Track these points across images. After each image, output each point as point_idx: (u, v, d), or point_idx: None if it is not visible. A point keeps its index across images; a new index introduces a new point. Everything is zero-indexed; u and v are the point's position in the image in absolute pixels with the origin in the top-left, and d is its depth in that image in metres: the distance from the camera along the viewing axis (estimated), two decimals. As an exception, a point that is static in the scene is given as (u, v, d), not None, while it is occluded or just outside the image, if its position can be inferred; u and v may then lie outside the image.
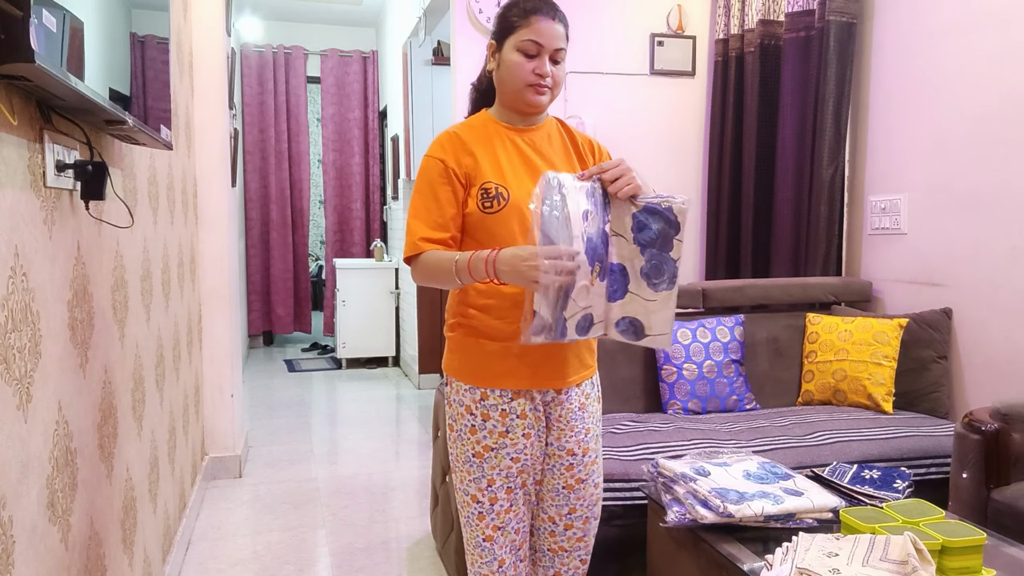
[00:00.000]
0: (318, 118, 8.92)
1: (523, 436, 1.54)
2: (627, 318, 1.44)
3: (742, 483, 1.79)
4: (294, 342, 7.55)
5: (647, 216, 1.40)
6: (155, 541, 2.23)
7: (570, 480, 1.60)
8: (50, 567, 1.27)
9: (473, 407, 1.54)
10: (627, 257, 1.43)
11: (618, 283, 1.44)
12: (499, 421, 1.52)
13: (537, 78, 1.49)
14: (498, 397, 1.52)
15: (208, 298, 3.39)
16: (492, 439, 1.53)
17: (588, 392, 1.62)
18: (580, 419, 1.59)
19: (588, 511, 1.64)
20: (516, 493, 1.56)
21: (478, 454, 1.54)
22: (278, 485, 3.43)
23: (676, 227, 1.39)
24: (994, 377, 2.68)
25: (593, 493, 1.64)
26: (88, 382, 1.52)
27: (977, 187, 2.73)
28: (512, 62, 1.50)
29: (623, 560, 2.20)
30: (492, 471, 1.54)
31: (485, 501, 1.55)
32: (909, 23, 3.03)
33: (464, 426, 1.55)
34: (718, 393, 2.78)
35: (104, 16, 1.32)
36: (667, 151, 3.84)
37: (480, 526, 1.57)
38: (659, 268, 1.41)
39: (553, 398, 1.57)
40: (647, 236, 1.40)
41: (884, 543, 1.44)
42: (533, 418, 1.54)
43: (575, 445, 1.59)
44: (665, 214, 1.39)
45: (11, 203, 1.13)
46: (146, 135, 1.61)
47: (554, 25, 1.48)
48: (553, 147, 1.59)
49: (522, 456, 1.55)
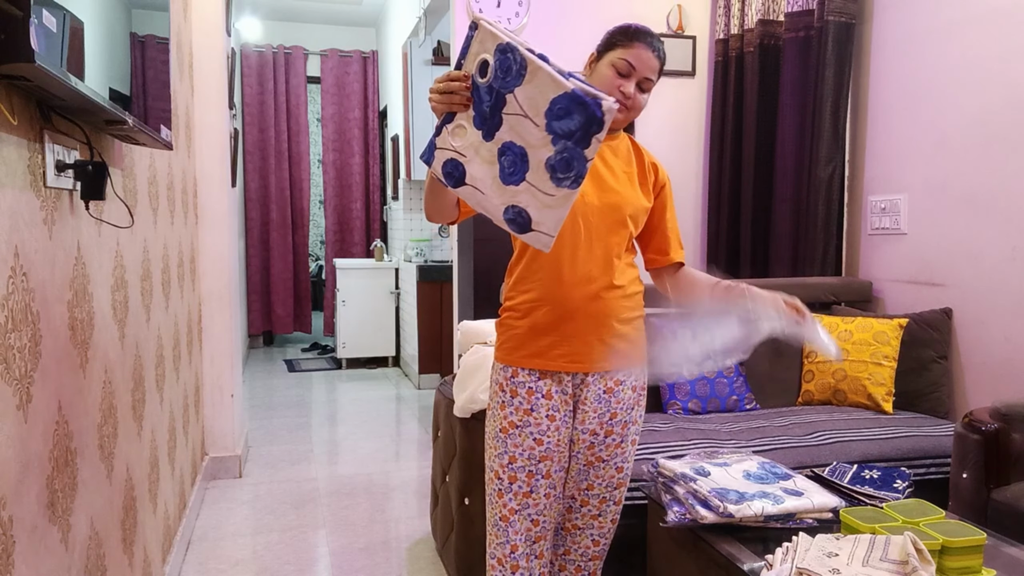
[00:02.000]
0: (318, 118, 8.92)
1: (547, 417, 1.59)
2: (516, 207, 1.34)
3: (742, 483, 1.79)
4: (294, 342, 7.55)
5: (572, 104, 1.24)
6: (155, 541, 2.23)
7: (591, 458, 1.65)
8: (50, 567, 1.27)
9: (504, 384, 1.63)
10: (532, 144, 1.29)
11: (516, 166, 1.32)
12: (525, 398, 1.60)
13: (620, 95, 1.56)
14: (527, 375, 1.60)
15: (208, 298, 3.40)
16: (517, 416, 1.60)
17: (621, 380, 1.65)
18: (605, 402, 1.63)
19: (606, 492, 1.67)
20: (538, 480, 1.60)
21: (504, 429, 1.62)
22: (278, 485, 3.44)
23: (599, 125, 1.25)
24: (994, 377, 2.68)
25: (614, 476, 1.67)
26: (88, 382, 1.52)
27: (977, 187, 2.73)
28: (603, 74, 1.59)
29: (623, 560, 2.20)
30: (515, 448, 1.60)
31: (505, 479, 1.62)
32: (908, 23, 3.03)
33: (496, 403, 1.64)
34: (718, 393, 2.78)
35: (104, 16, 1.32)
36: (667, 151, 3.84)
37: (499, 504, 1.63)
38: (568, 163, 1.28)
39: (581, 381, 1.62)
40: (566, 126, 1.26)
41: (884, 543, 1.44)
42: (559, 400, 1.60)
43: (597, 426, 1.63)
44: (592, 108, 1.24)
45: (11, 203, 1.13)
46: (146, 135, 1.61)
47: (652, 56, 1.58)
48: (618, 158, 1.67)
49: (545, 438, 1.60)
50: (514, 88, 1.27)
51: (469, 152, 1.34)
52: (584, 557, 1.72)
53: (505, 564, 1.61)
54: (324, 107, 7.23)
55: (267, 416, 4.68)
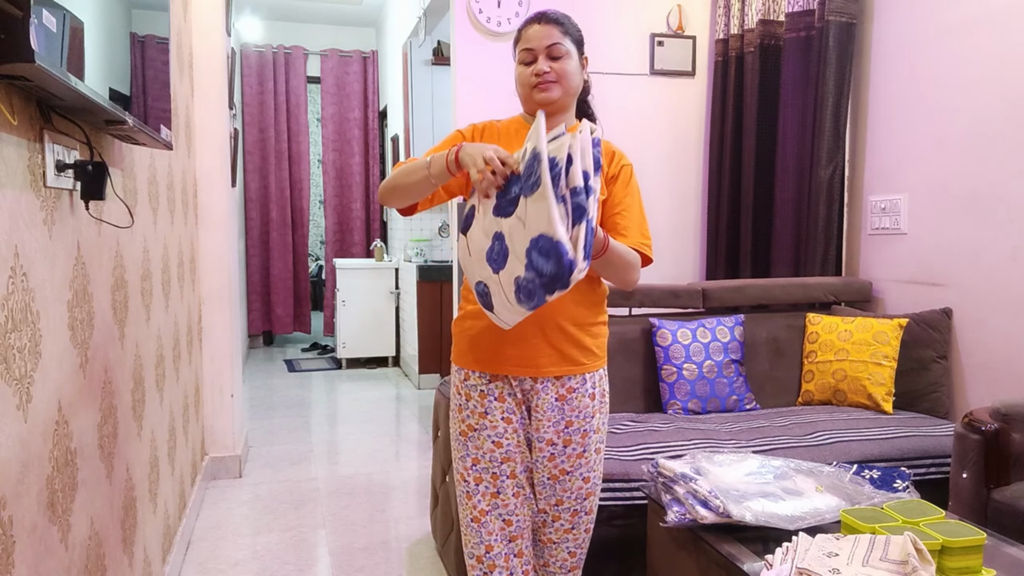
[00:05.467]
0: (318, 118, 8.92)
1: (503, 420, 1.61)
2: (486, 287, 1.39)
3: (742, 483, 1.79)
4: (294, 342, 7.55)
5: (552, 249, 1.24)
6: (155, 541, 2.23)
7: (554, 471, 1.64)
8: (50, 567, 1.27)
9: (459, 387, 1.65)
10: (515, 251, 1.31)
11: (499, 258, 1.35)
12: (478, 402, 1.62)
13: (536, 78, 1.58)
14: (477, 379, 1.62)
15: (208, 298, 3.40)
16: (474, 419, 1.63)
17: (573, 387, 1.62)
18: (558, 410, 1.61)
19: (576, 504, 1.66)
20: (503, 481, 1.61)
21: (463, 432, 1.65)
22: (278, 485, 3.44)
23: (564, 284, 1.26)
24: (994, 377, 2.68)
25: (581, 487, 1.66)
26: (88, 382, 1.52)
27: (977, 187, 2.73)
28: (517, 72, 1.63)
29: (623, 560, 2.20)
30: (476, 451, 1.62)
31: (471, 480, 1.63)
32: (909, 23, 3.03)
33: (455, 405, 1.67)
34: (718, 393, 2.78)
35: (104, 16, 1.32)
36: (667, 151, 3.84)
37: (469, 505, 1.64)
38: (531, 293, 1.29)
39: (531, 387, 1.61)
40: (540, 264, 1.26)
41: (884, 543, 1.44)
42: (512, 403, 1.61)
43: (554, 436, 1.62)
44: (566, 266, 1.23)
45: (11, 203, 1.13)
46: (146, 135, 1.61)
47: (541, 27, 1.58)
48: None
49: (504, 440, 1.61)
50: (527, 195, 1.30)
51: (479, 214, 1.40)
52: (563, 569, 1.72)
53: (483, 562, 1.63)
54: (324, 107, 7.22)
55: (267, 416, 4.68)
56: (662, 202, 3.82)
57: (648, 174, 3.80)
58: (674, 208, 3.87)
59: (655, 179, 3.80)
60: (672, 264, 3.86)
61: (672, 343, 2.80)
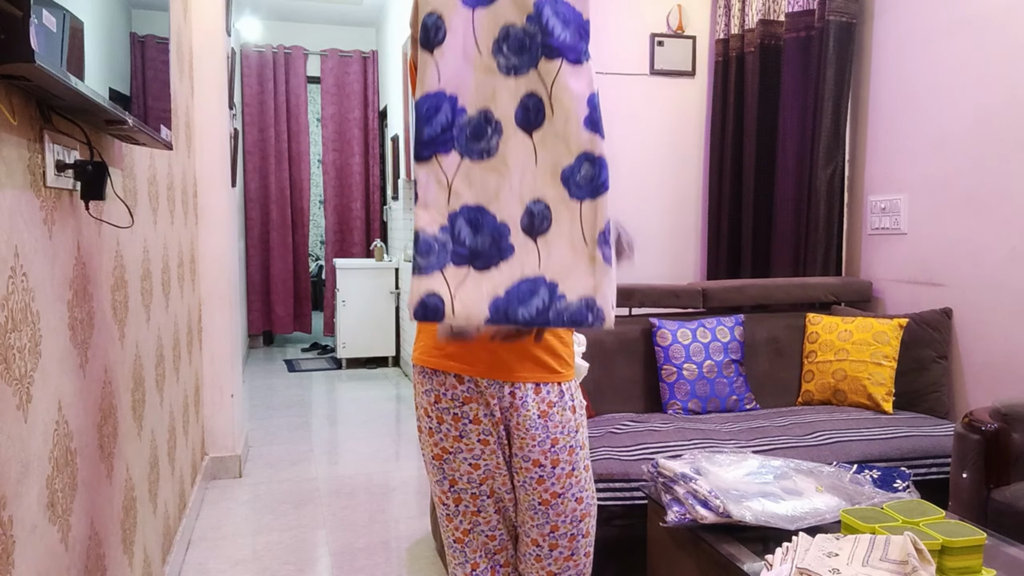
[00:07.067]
0: (318, 118, 8.92)
1: (479, 442, 1.51)
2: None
3: (742, 483, 1.79)
4: (294, 342, 7.55)
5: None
6: (155, 541, 2.23)
7: (544, 495, 1.53)
8: (50, 567, 1.27)
9: (429, 409, 1.54)
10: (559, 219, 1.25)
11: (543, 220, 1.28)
12: (452, 425, 1.51)
13: None
14: (450, 401, 1.50)
15: (208, 298, 3.39)
16: (448, 442, 1.52)
17: (552, 400, 1.53)
18: (542, 427, 1.51)
19: (573, 527, 1.55)
20: (483, 500, 1.54)
21: (436, 456, 1.54)
22: (278, 485, 3.44)
23: None
24: (994, 377, 2.68)
25: (576, 508, 1.54)
26: (88, 382, 1.52)
27: (977, 187, 2.73)
28: None
29: (623, 560, 2.20)
30: (453, 472, 1.53)
31: (450, 503, 1.55)
32: (909, 23, 3.03)
33: (425, 428, 1.56)
34: (718, 393, 2.78)
35: (104, 16, 1.32)
36: (667, 151, 3.84)
37: (450, 527, 1.58)
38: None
39: (510, 404, 1.50)
40: None
41: (884, 543, 1.44)
42: (489, 424, 1.50)
43: (540, 456, 1.51)
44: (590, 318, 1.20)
45: (11, 203, 1.13)
46: (146, 135, 1.60)
47: None
48: None
49: (481, 462, 1.52)
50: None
51: None
52: None
53: None
54: (324, 107, 7.23)
55: (267, 416, 4.68)
56: (662, 202, 3.82)
57: (648, 174, 3.81)
58: (674, 208, 3.87)
59: (655, 179, 3.80)
60: (672, 264, 3.87)
61: (672, 343, 2.80)
